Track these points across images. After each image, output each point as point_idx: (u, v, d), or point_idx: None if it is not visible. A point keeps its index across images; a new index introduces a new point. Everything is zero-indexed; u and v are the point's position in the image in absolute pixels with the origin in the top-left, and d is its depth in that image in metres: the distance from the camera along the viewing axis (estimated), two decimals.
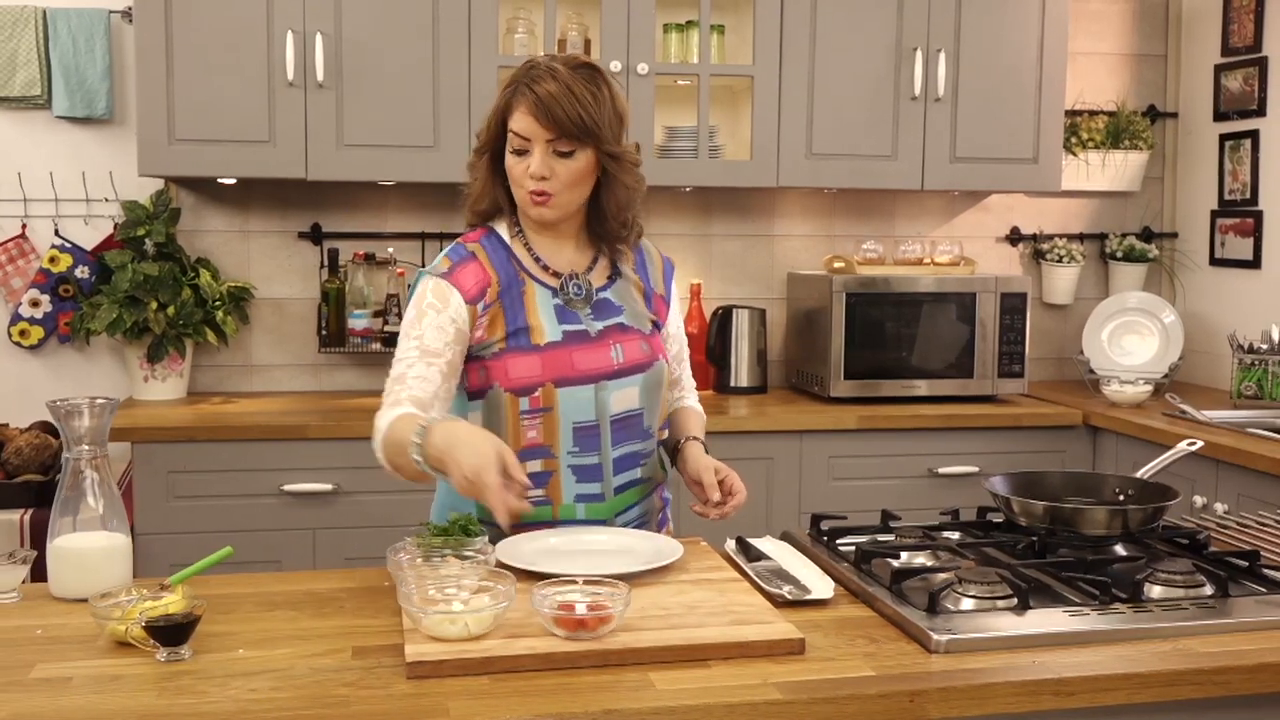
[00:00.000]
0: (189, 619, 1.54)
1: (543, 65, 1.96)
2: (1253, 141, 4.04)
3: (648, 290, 2.15)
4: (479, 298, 1.99)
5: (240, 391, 3.85)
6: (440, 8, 3.50)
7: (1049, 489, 2.13)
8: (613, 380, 2.02)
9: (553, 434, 1.99)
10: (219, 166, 3.47)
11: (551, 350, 1.99)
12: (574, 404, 1.99)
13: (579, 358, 2.00)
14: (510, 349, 1.99)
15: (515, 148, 1.97)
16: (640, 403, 2.05)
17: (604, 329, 2.04)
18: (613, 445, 2.03)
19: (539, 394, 1.97)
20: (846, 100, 3.76)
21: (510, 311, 2.00)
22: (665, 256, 2.24)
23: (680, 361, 2.25)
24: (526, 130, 1.94)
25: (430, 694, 1.42)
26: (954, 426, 3.65)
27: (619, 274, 2.12)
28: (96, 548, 1.79)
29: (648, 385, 2.06)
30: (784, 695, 1.43)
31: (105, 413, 1.77)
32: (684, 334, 2.27)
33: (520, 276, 2.03)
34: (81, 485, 1.79)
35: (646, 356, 2.06)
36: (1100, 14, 4.33)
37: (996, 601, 1.71)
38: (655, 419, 2.10)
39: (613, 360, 2.03)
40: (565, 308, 2.03)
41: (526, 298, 2.02)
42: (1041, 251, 4.33)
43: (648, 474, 2.10)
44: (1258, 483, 3.06)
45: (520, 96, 1.94)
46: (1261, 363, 3.78)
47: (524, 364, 1.97)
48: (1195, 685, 1.53)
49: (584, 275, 2.07)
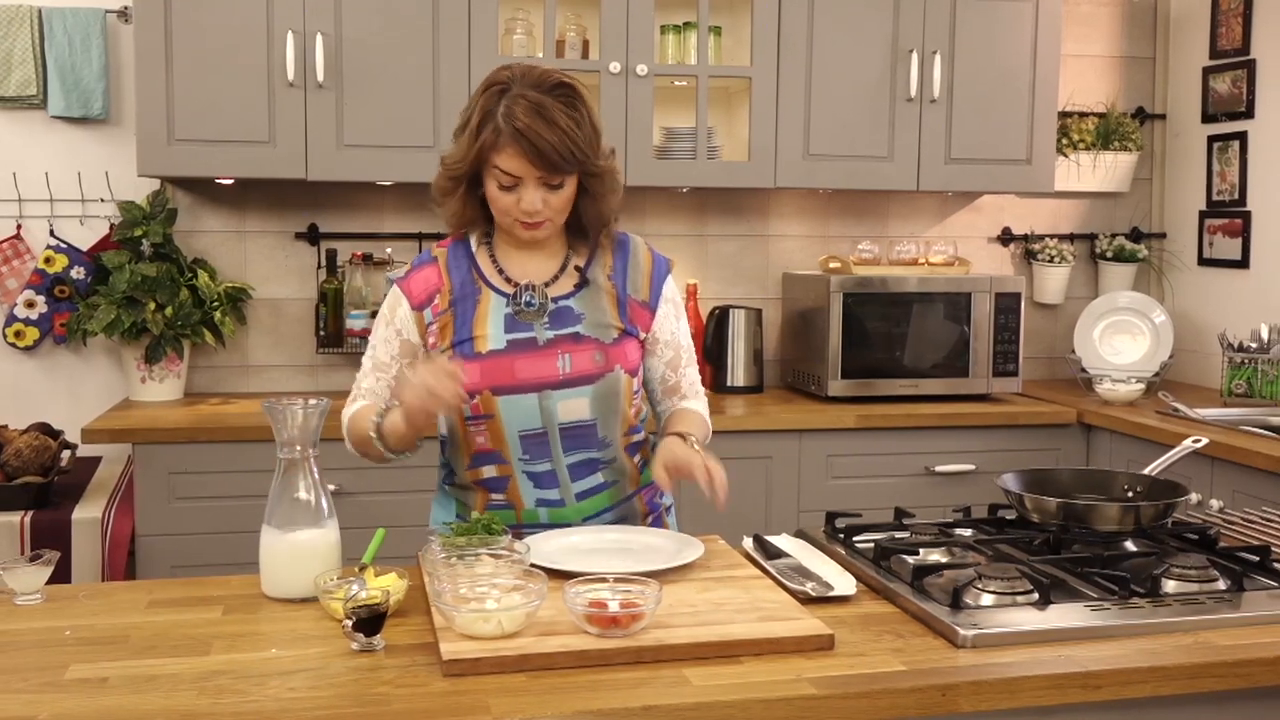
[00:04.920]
0: (383, 610, 1.58)
1: (518, 94, 1.90)
2: (1241, 143, 4.09)
3: (621, 297, 2.08)
4: (426, 303, 2.05)
5: (237, 392, 3.84)
6: (440, 8, 3.50)
7: (1059, 486, 2.17)
8: (558, 390, 2.01)
9: (500, 440, 2.02)
10: (219, 166, 3.47)
11: (493, 358, 2.00)
12: (517, 412, 2.00)
13: (520, 366, 2.00)
14: (455, 356, 2.01)
15: (504, 184, 1.94)
16: (591, 413, 2.03)
17: (554, 338, 2.02)
18: (564, 453, 2.03)
19: (477, 401, 2.00)
20: (843, 101, 3.79)
21: (460, 319, 2.03)
22: (660, 256, 2.16)
23: (677, 368, 2.16)
24: (518, 170, 1.92)
25: (470, 691, 1.44)
26: (950, 425, 3.68)
27: (588, 282, 2.07)
28: (311, 543, 1.80)
29: (599, 395, 2.03)
30: (818, 690, 1.45)
31: (317, 414, 1.80)
32: (685, 339, 2.18)
33: (477, 285, 2.04)
34: (295, 483, 1.80)
35: (598, 368, 2.02)
36: (1090, 17, 4.38)
37: (1017, 597, 1.73)
38: (613, 428, 2.07)
39: (558, 370, 2.01)
40: (515, 318, 2.02)
41: (480, 306, 2.03)
42: (1032, 252, 4.37)
43: (611, 478, 2.09)
44: (1252, 479, 3.10)
45: (506, 136, 1.89)
46: (1251, 361, 3.83)
47: (465, 371, 1.91)
48: (1218, 678, 1.56)
49: (542, 286, 2.04)
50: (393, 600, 1.65)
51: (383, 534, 1.85)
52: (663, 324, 2.13)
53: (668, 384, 2.16)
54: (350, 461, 3.27)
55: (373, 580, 1.71)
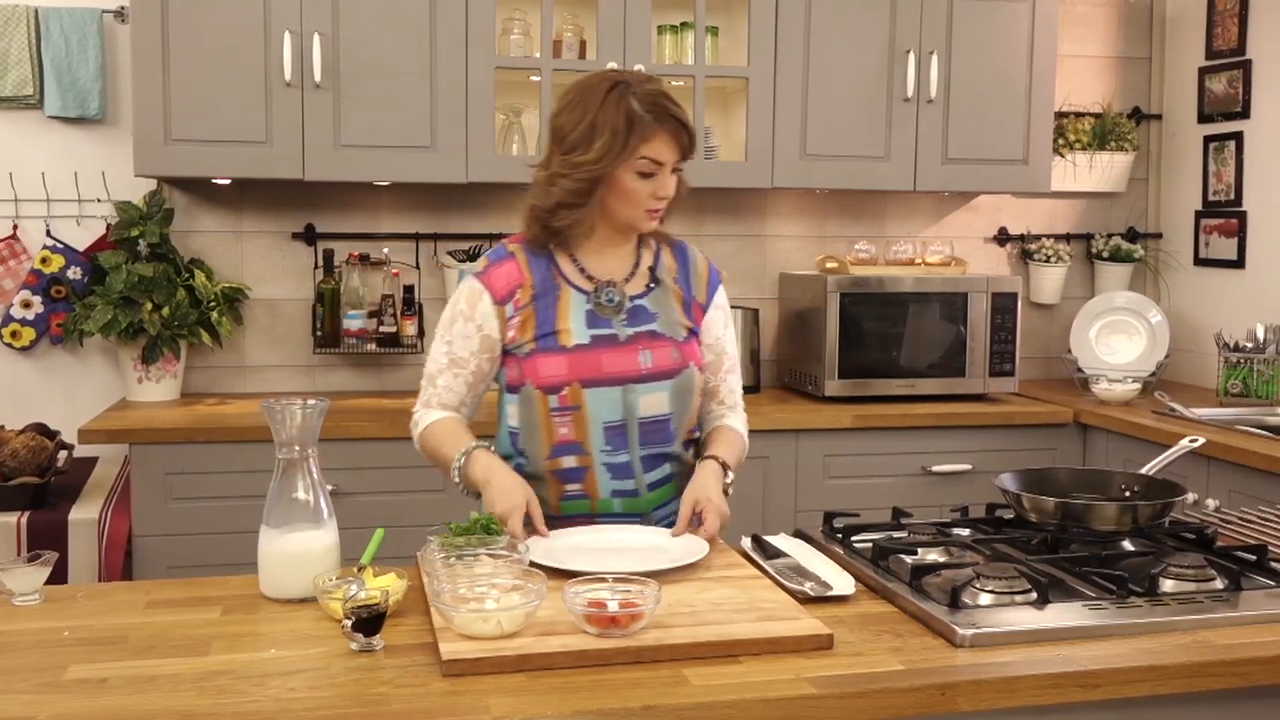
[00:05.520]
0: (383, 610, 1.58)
1: (648, 89, 2.01)
2: (1237, 143, 4.10)
3: (687, 299, 2.18)
4: (508, 298, 2.09)
5: (234, 393, 3.84)
6: (437, 9, 3.50)
7: (1057, 486, 2.17)
8: (641, 384, 2.09)
9: (583, 431, 2.08)
10: (215, 167, 3.46)
11: (579, 352, 2.07)
12: (602, 404, 2.07)
13: (606, 360, 2.07)
14: (540, 349, 2.07)
15: (646, 171, 2.02)
16: (669, 407, 2.12)
17: (634, 335, 2.10)
18: (640, 445, 2.11)
19: (566, 393, 2.06)
20: (840, 102, 3.79)
21: (542, 315, 2.09)
22: (714, 267, 2.26)
23: (718, 372, 2.23)
24: (665, 156, 2.02)
25: (469, 691, 1.44)
26: (947, 425, 3.68)
27: (658, 282, 2.16)
28: (310, 544, 1.80)
29: (677, 391, 2.12)
30: (818, 690, 1.45)
31: (315, 414, 1.80)
32: (731, 347, 2.25)
33: (556, 282, 2.11)
34: (293, 483, 1.80)
35: (676, 363, 2.11)
36: (1086, 17, 4.38)
37: (1015, 596, 1.74)
38: (684, 424, 2.15)
39: (640, 365, 2.09)
40: (596, 314, 2.09)
41: (560, 303, 2.10)
42: (1029, 252, 4.37)
43: (677, 470, 2.17)
44: (1248, 479, 3.11)
45: (662, 127, 2.00)
46: (1247, 361, 3.84)
47: (552, 364, 2.06)
48: (1216, 677, 1.56)
49: (620, 284, 2.13)
50: (392, 600, 1.65)
51: (382, 534, 1.85)
52: (710, 328, 2.21)
53: (708, 386, 2.22)
54: (349, 462, 3.31)
55: (372, 580, 1.71)
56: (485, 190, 3.92)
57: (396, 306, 3.81)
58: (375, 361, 3.94)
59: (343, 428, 3.30)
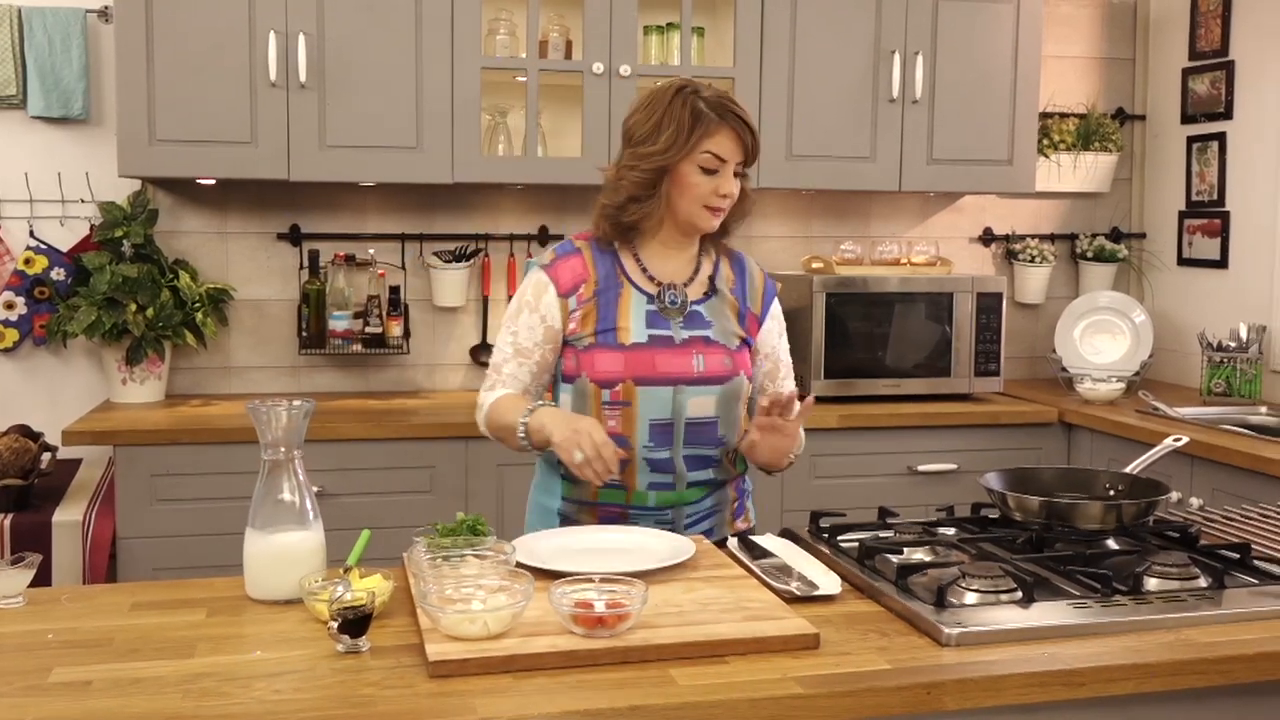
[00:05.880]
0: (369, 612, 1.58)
1: (720, 91, 2.14)
2: (1220, 144, 4.12)
3: (742, 310, 2.26)
4: (572, 291, 2.18)
5: (219, 394, 3.83)
6: (423, 9, 3.50)
7: (1041, 485, 2.18)
8: (691, 386, 2.16)
9: (630, 426, 2.15)
10: (200, 167, 3.45)
11: (636, 350, 2.15)
12: (652, 402, 2.15)
13: (661, 360, 2.15)
14: (599, 344, 2.16)
15: (708, 167, 2.11)
16: (716, 411, 2.19)
17: (690, 338, 2.18)
18: (685, 445, 2.18)
19: (620, 389, 2.15)
20: (826, 102, 3.80)
21: (603, 310, 2.17)
22: (770, 280, 2.34)
23: (775, 379, 2.32)
24: (727, 153, 2.11)
25: (455, 692, 1.43)
26: (932, 425, 3.69)
27: (715, 291, 2.24)
28: (295, 545, 1.79)
29: (725, 396, 2.19)
30: (805, 689, 1.45)
31: (301, 415, 1.80)
32: (785, 357, 2.34)
33: (619, 280, 2.19)
34: (279, 484, 1.80)
35: (728, 370, 2.19)
36: (1070, 18, 4.40)
37: (1000, 595, 1.74)
38: (730, 429, 2.22)
39: (693, 368, 2.17)
40: (657, 314, 2.18)
41: (621, 300, 2.18)
42: (1013, 252, 4.39)
43: (719, 475, 2.24)
44: (1231, 477, 3.13)
45: (725, 124, 2.10)
46: (1230, 360, 3.86)
47: (609, 359, 2.14)
48: (1199, 674, 1.57)
49: (682, 287, 2.21)
50: (378, 602, 1.64)
51: (368, 535, 1.84)
52: (766, 338, 2.29)
53: (768, 393, 2.26)
54: (335, 463, 3.30)
55: (358, 582, 1.71)
56: (471, 191, 3.92)
57: (382, 307, 3.80)
58: (361, 362, 3.93)
59: (329, 429, 3.29)
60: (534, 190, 3.97)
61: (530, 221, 4.01)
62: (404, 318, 3.83)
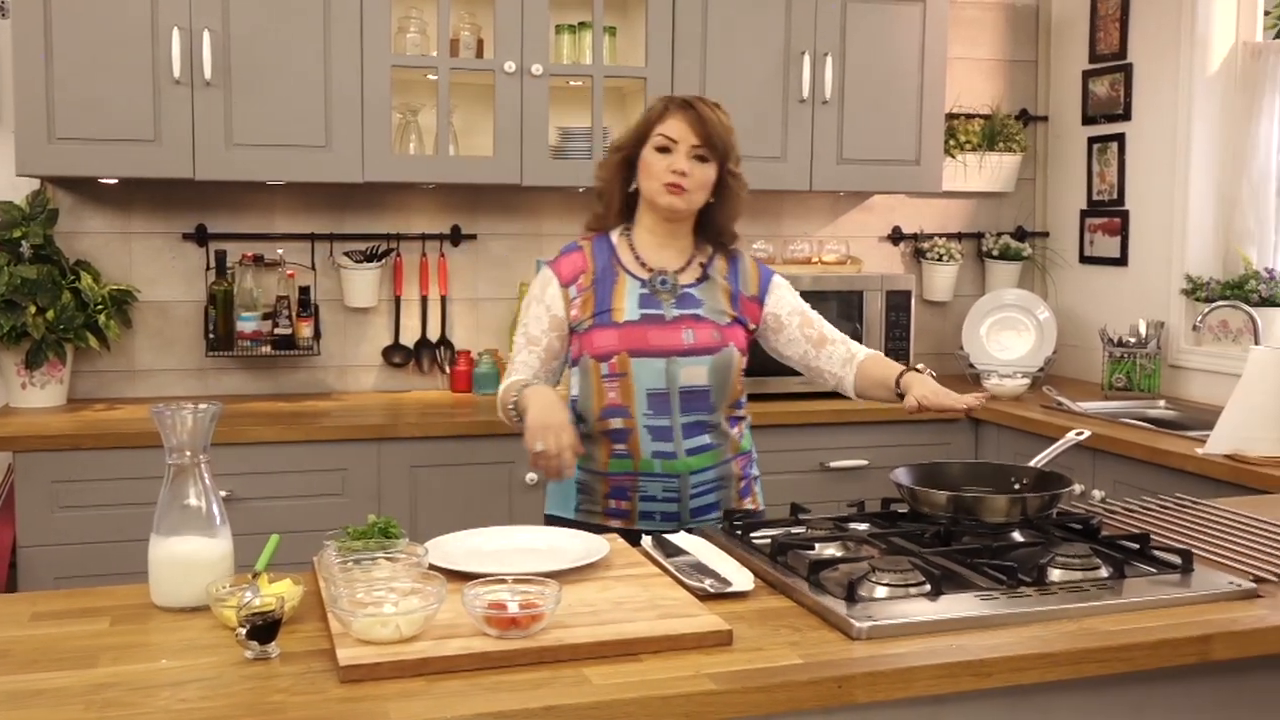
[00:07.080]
0: (278, 617, 1.55)
1: (687, 96, 2.40)
2: (1119, 144, 4.23)
3: (734, 292, 2.46)
4: (572, 281, 2.42)
5: (123, 398, 3.74)
6: (331, 6, 3.45)
7: (949, 479, 2.21)
8: (683, 357, 2.36)
9: (629, 396, 2.35)
10: (102, 166, 3.37)
11: (629, 327, 2.37)
12: (647, 373, 2.35)
13: (653, 335, 2.36)
14: (596, 325, 2.38)
15: (660, 146, 2.34)
16: (708, 380, 2.38)
17: (680, 316, 2.39)
18: (681, 413, 2.36)
19: (615, 360, 2.35)
20: (737, 102, 3.76)
21: (600, 296, 2.40)
22: (766, 269, 2.54)
23: (811, 323, 2.54)
24: (677, 134, 2.34)
25: (368, 697, 1.42)
26: (844, 421, 3.74)
27: (708, 277, 2.45)
28: (202, 551, 1.75)
29: (716, 366, 2.38)
30: (717, 685, 1.46)
31: (207, 418, 1.77)
32: (810, 310, 2.57)
33: (615, 269, 2.42)
34: (185, 490, 1.76)
35: (716, 342, 2.39)
36: (975, 21, 4.48)
37: (910, 589, 1.77)
38: (723, 397, 2.41)
39: (683, 340, 2.37)
40: (650, 296, 2.39)
41: (617, 286, 2.40)
42: (922, 250, 4.46)
43: (717, 441, 2.41)
44: (1132, 470, 3.21)
45: (674, 109, 2.36)
46: (1130, 355, 3.96)
47: (605, 336, 2.36)
48: (1102, 662, 1.61)
49: (673, 273, 2.42)
50: (287, 607, 1.62)
51: (277, 540, 1.81)
52: (779, 303, 2.51)
53: (811, 339, 2.53)
54: (244, 467, 3.24)
55: (267, 587, 1.68)
56: (382, 190, 3.88)
57: (292, 308, 3.75)
58: (271, 364, 3.87)
59: (237, 432, 3.24)
60: (446, 189, 3.94)
61: (442, 221, 3.98)
62: (314, 319, 3.78)
